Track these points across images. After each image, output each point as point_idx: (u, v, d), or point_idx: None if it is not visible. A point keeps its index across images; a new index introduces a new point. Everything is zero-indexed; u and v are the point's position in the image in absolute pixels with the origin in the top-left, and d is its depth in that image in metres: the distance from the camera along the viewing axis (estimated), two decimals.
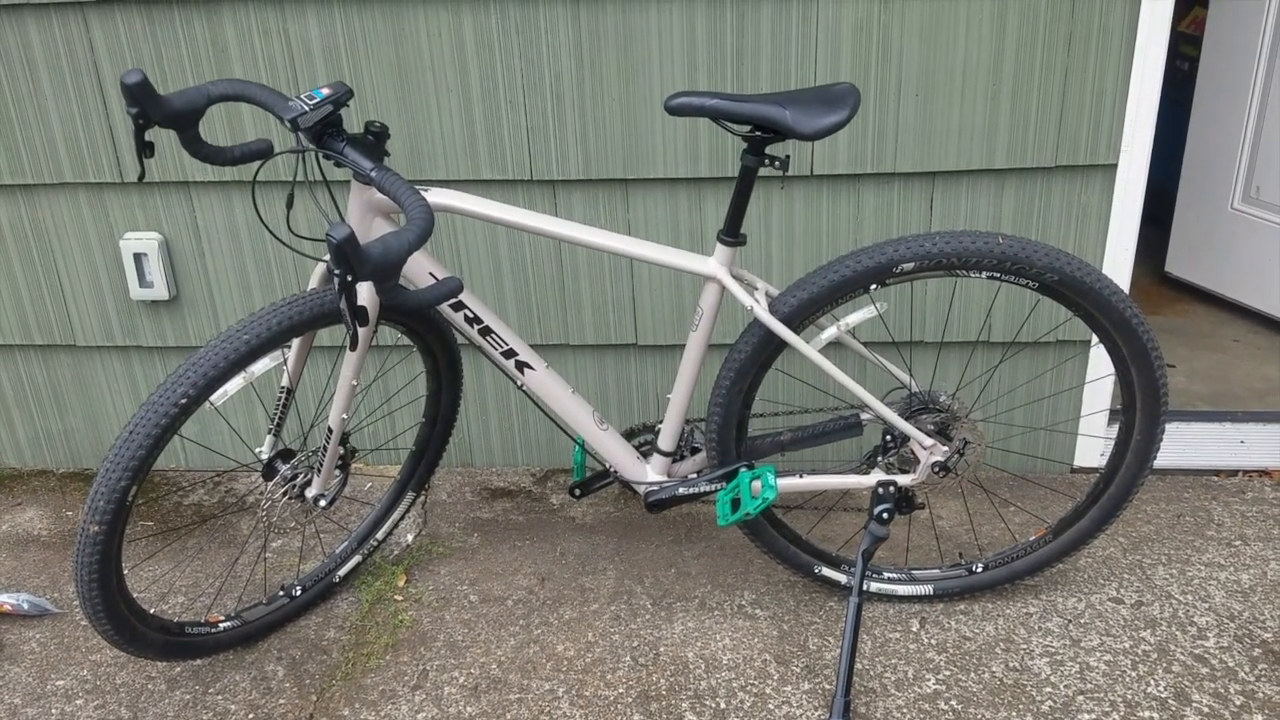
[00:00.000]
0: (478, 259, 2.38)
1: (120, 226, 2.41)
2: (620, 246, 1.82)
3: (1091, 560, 2.20)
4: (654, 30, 2.14)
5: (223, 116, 2.28)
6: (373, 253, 1.34)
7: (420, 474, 2.25)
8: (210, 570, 2.28)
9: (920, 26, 2.11)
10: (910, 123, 2.19)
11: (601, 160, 2.26)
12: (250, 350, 1.69)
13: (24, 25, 2.22)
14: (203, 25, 2.19)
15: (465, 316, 1.88)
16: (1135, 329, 1.81)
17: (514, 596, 2.17)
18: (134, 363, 2.58)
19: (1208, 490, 2.44)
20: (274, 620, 2.08)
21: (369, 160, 1.61)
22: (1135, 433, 1.92)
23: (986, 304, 2.34)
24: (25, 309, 2.52)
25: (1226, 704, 1.83)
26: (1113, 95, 2.15)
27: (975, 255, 1.75)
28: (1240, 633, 1.99)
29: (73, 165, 2.35)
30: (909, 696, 1.87)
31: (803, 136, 1.66)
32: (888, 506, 1.92)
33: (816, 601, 2.12)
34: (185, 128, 1.66)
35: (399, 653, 2.03)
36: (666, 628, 2.07)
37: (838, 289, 1.78)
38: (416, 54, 2.19)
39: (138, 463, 1.64)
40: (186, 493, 2.59)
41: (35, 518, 2.51)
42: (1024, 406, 2.46)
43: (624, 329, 2.44)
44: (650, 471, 2.03)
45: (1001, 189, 2.26)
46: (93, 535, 1.65)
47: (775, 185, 2.27)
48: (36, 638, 2.10)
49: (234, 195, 2.36)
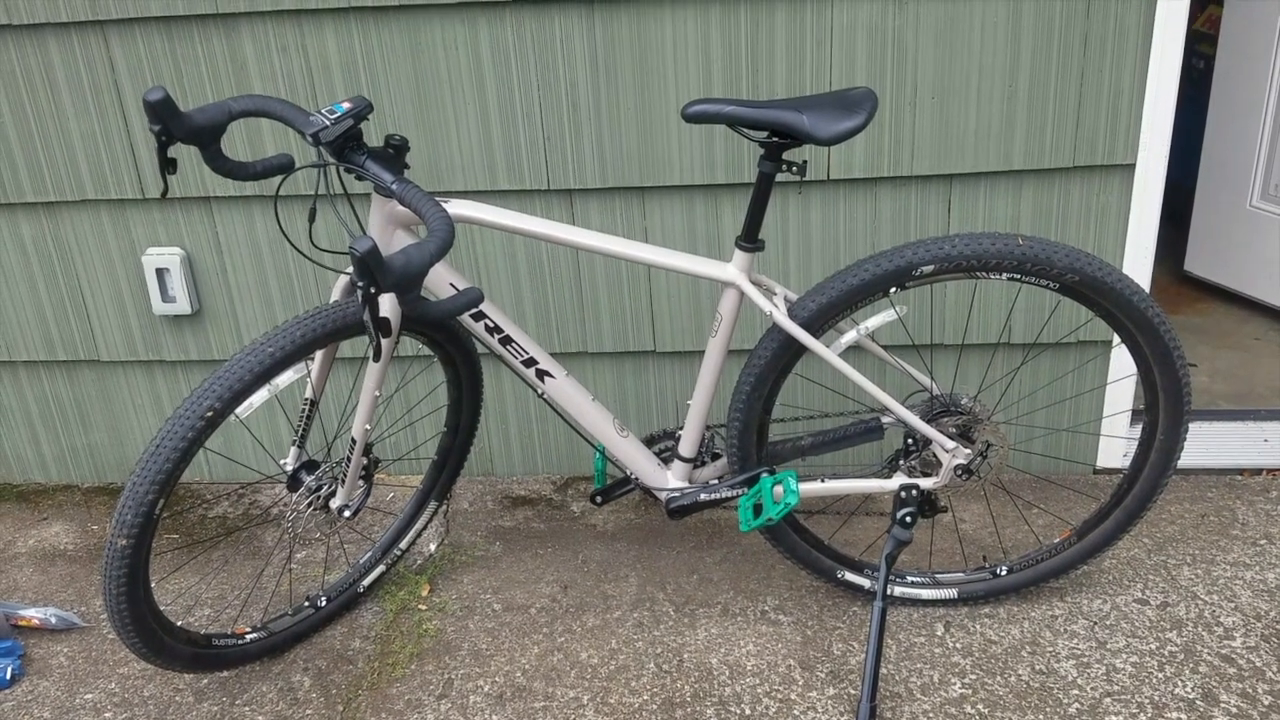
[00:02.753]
0: (497, 269, 2.39)
1: (142, 242, 2.43)
2: (638, 254, 1.82)
3: (1116, 562, 2.19)
4: (669, 39, 2.15)
5: (243, 132, 2.30)
6: (395, 264, 1.36)
7: (442, 483, 2.26)
8: (236, 582, 2.30)
9: (935, 29, 2.11)
10: (927, 126, 2.19)
11: (618, 169, 2.27)
12: (274, 363, 1.71)
13: (45, 44, 2.25)
14: (222, 42, 2.22)
15: (486, 326, 1.89)
16: (1157, 328, 1.80)
17: (537, 604, 2.18)
18: (157, 377, 2.60)
19: (1232, 489, 2.43)
20: (300, 631, 2.09)
21: (389, 173, 1.62)
22: (1159, 433, 1.92)
23: (1007, 306, 2.34)
24: (49, 325, 2.55)
25: (1255, 704, 1.81)
26: (1130, 95, 2.15)
27: (995, 257, 1.75)
28: (1267, 632, 1.97)
29: (94, 182, 2.37)
30: (935, 701, 1.86)
31: (820, 141, 1.67)
32: (910, 510, 1.92)
33: (840, 607, 2.12)
34: (207, 144, 1.67)
35: (424, 662, 2.04)
36: (690, 634, 2.07)
37: (857, 293, 1.78)
38: (434, 67, 2.21)
39: (165, 476, 1.65)
40: (211, 505, 2.61)
41: (61, 532, 2.54)
42: (1046, 408, 2.45)
43: (642, 336, 2.44)
44: (671, 478, 2.03)
45: (1020, 190, 2.25)
46: (120, 549, 1.67)
47: (793, 191, 2.28)
48: (64, 652, 2.12)
49: (255, 210, 2.38)
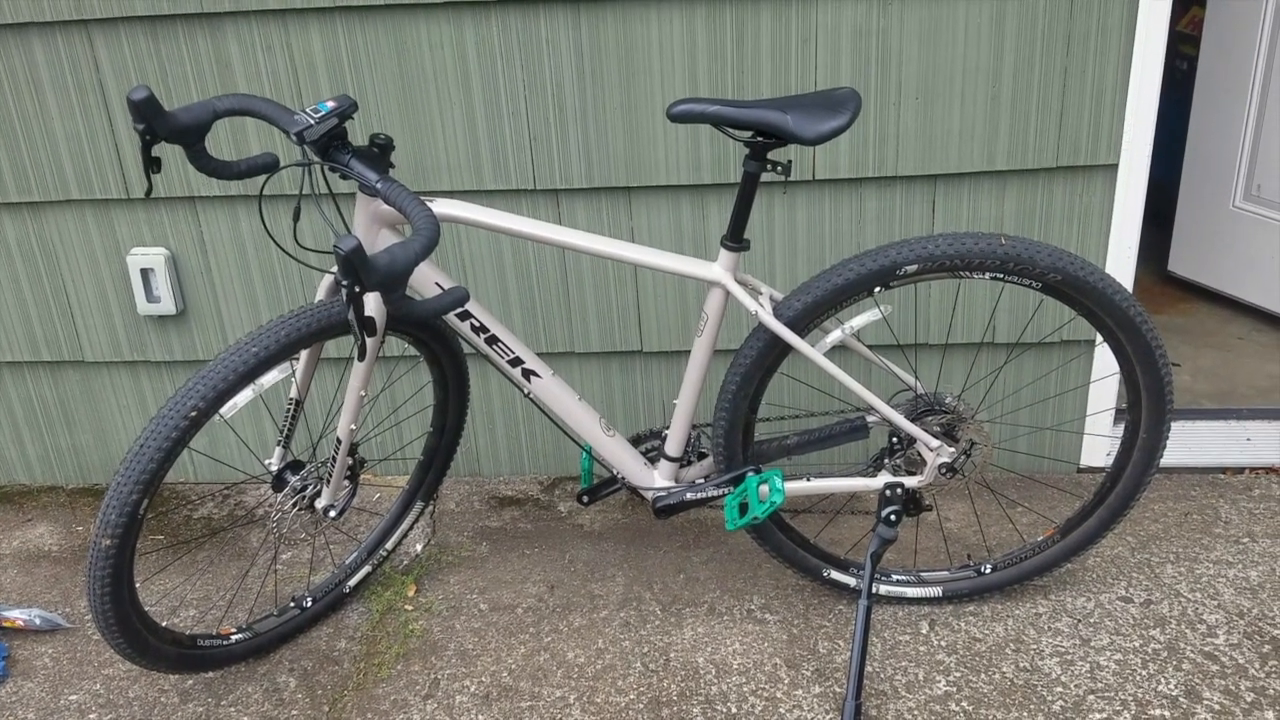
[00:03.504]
0: (482, 268, 2.39)
1: (127, 242, 2.43)
2: (624, 253, 1.83)
3: (1100, 560, 2.20)
4: (654, 39, 2.15)
5: (228, 131, 2.29)
6: (380, 263, 1.36)
7: (428, 484, 2.26)
8: (221, 583, 2.29)
9: (919, 30, 2.12)
10: (911, 126, 2.20)
11: (604, 169, 2.27)
12: (259, 363, 1.70)
13: (29, 44, 2.24)
14: (206, 41, 2.21)
15: (472, 325, 1.89)
16: (1139, 327, 1.81)
17: (524, 604, 2.18)
18: (142, 378, 2.59)
19: (1215, 488, 2.44)
20: (285, 632, 2.09)
21: (374, 172, 1.62)
22: (1141, 431, 1.93)
23: (990, 305, 2.35)
24: (33, 326, 2.53)
25: (1238, 701, 1.83)
26: (1112, 95, 2.16)
27: (978, 256, 1.76)
28: (1250, 629, 1.99)
29: (79, 182, 2.36)
30: (920, 698, 1.87)
31: (805, 141, 1.67)
32: (895, 509, 1.92)
33: (826, 605, 2.13)
34: (192, 143, 1.67)
35: (410, 662, 2.03)
36: (676, 633, 2.07)
37: (842, 292, 1.79)
38: (419, 66, 2.21)
39: (149, 476, 1.65)
40: (196, 506, 2.60)
41: (46, 533, 2.52)
42: (1029, 407, 2.46)
43: (629, 336, 2.44)
44: (657, 477, 2.04)
45: (1003, 190, 2.26)
46: (105, 549, 1.66)
47: (778, 191, 2.28)
48: (49, 653, 2.11)
49: (239, 209, 2.37)
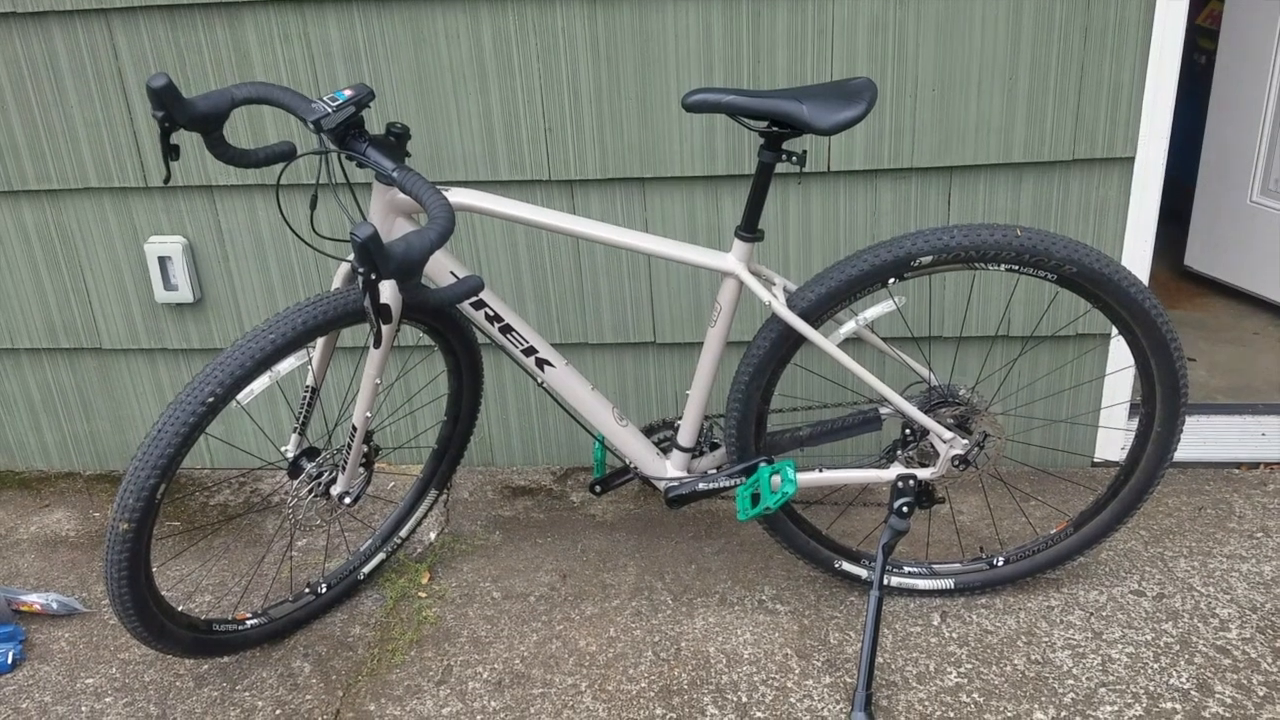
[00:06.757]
0: (497, 258, 2.40)
1: (145, 230, 2.44)
2: (638, 243, 1.83)
3: (1113, 553, 2.20)
4: (670, 30, 2.16)
5: (245, 120, 2.30)
6: (396, 251, 1.36)
7: (442, 472, 2.27)
8: (237, 568, 2.31)
9: (936, 22, 2.12)
10: (927, 118, 2.20)
11: (619, 159, 2.27)
12: (276, 350, 1.71)
13: (49, 32, 2.25)
14: (224, 30, 2.22)
15: (486, 315, 1.90)
16: (1155, 320, 1.81)
17: (536, 593, 2.19)
18: (159, 365, 2.61)
19: (1229, 483, 2.44)
20: (300, 617, 2.10)
21: (391, 161, 1.63)
22: (1155, 425, 1.92)
23: (1005, 297, 2.35)
24: (52, 313, 2.56)
25: (1250, 695, 1.82)
26: (1129, 89, 2.15)
27: (993, 248, 1.76)
28: (1263, 624, 1.98)
29: (97, 170, 2.38)
30: (931, 689, 1.88)
31: (820, 131, 1.67)
32: (908, 500, 1.92)
33: (837, 596, 2.13)
34: (210, 130, 1.68)
35: (423, 648, 2.05)
36: (687, 623, 2.08)
37: (856, 283, 1.79)
38: (435, 56, 2.21)
39: (166, 460, 1.66)
40: (213, 492, 2.62)
41: (63, 519, 2.55)
42: (1044, 399, 2.46)
43: (642, 326, 2.45)
44: (670, 468, 2.04)
45: (1019, 183, 2.26)
46: (122, 533, 1.68)
47: (792, 181, 2.28)
48: (66, 637, 2.13)
49: (257, 198, 2.38)
